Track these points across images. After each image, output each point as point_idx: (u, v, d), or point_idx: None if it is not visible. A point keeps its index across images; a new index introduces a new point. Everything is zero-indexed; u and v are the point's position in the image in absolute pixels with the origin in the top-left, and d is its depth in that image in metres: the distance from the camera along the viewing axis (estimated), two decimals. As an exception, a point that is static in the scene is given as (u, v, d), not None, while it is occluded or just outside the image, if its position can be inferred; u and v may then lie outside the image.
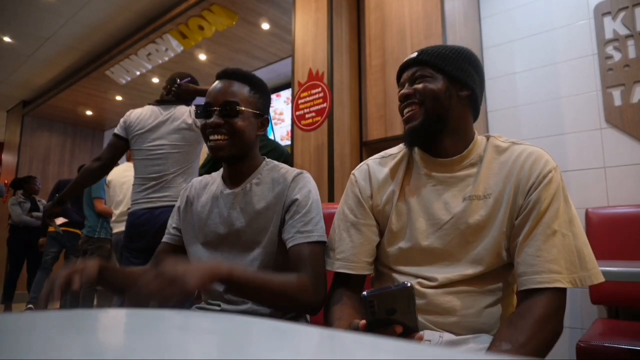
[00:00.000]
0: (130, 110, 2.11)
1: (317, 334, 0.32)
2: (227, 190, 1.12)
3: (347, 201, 1.02)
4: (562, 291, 0.79)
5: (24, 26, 4.15)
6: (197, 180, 1.24)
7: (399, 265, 0.96)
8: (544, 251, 0.79)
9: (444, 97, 0.91)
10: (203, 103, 1.10)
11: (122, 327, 0.40)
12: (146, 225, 1.92)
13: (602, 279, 0.80)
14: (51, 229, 4.19)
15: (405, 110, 0.93)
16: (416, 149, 0.98)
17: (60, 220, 2.88)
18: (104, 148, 2.13)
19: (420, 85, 0.91)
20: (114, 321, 0.44)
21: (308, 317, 1.17)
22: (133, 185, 2.06)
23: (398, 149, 1.03)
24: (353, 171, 1.06)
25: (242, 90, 1.11)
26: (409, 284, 0.64)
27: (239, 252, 1.08)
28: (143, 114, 2.05)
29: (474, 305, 0.87)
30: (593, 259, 0.81)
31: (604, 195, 2.08)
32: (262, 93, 1.17)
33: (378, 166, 1.02)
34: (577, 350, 1.41)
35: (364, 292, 0.68)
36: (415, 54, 0.96)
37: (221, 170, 1.20)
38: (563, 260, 0.79)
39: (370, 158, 1.06)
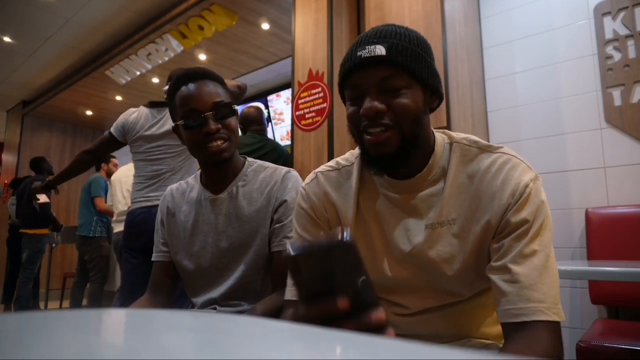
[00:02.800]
0: (129, 113, 2.14)
1: (316, 334, 0.32)
2: (211, 196, 1.08)
3: (300, 220, 0.86)
4: (553, 325, 0.62)
5: (24, 26, 4.14)
6: (174, 189, 1.19)
7: None
8: (521, 275, 0.63)
9: (423, 116, 0.72)
10: (185, 111, 1.01)
11: (122, 327, 0.40)
12: (143, 224, 1.93)
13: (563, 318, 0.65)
14: (40, 231, 4.20)
15: (373, 131, 0.69)
16: None
17: (43, 198, 2.94)
18: (98, 142, 2.21)
19: (397, 101, 0.69)
20: (113, 321, 0.44)
21: None
22: (133, 184, 2.09)
23: (352, 158, 0.85)
24: (303, 185, 0.89)
25: (218, 88, 1.04)
26: (349, 239, 0.44)
27: (230, 257, 1.05)
28: (139, 119, 2.09)
29: (454, 320, 0.79)
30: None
31: (604, 195, 2.08)
32: (226, 85, 1.09)
33: (330, 181, 0.84)
34: (577, 350, 1.41)
35: (288, 248, 0.47)
36: (381, 49, 0.68)
37: (197, 174, 1.15)
38: (546, 286, 0.63)
39: (320, 169, 0.88)
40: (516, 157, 0.72)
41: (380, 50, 0.68)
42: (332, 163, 0.87)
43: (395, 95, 0.69)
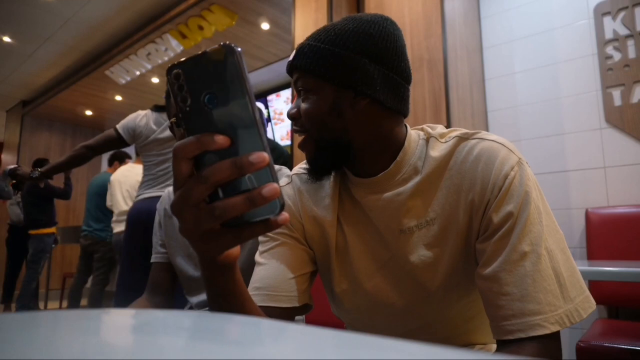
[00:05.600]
0: (138, 117, 2.13)
1: (315, 334, 0.32)
2: None
3: None
4: (550, 336, 0.55)
5: (24, 26, 4.14)
6: (171, 191, 1.20)
7: (350, 318, 0.79)
8: (512, 285, 0.56)
9: (331, 119, 0.66)
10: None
11: (121, 328, 0.40)
12: (143, 214, 1.92)
13: (593, 307, 0.57)
14: (42, 231, 4.20)
15: (296, 133, 0.71)
16: None
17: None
18: (101, 139, 2.15)
19: (303, 107, 0.68)
20: (113, 322, 0.44)
21: (303, 317, 1.16)
22: (141, 182, 2.12)
23: None
24: None
25: None
26: (234, 45, 0.36)
27: None
28: (148, 123, 2.10)
29: (446, 334, 0.73)
30: (577, 280, 0.58)
31: (604, 195, 2.08)
32: None
33: (307, 184, 0.78)
34: (577, 350, 1.41)
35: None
36: (293, 53, 0.69)
37: None
38: (542, 293, 0.55)
39: (296, 171, 0.81)
40: (495, 142, 0.64)
41: (292, 54, 0.69)
42: (306, 165, 0.78)
43: (303, 99, 0.68)
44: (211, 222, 0.38)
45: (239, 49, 0.36)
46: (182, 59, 0.37)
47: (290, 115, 0.70)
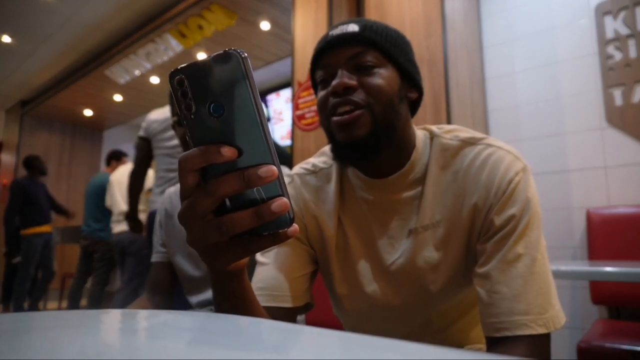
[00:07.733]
0: (152, 111, 2.21)
1: (315, 334, 0.32)
2: None
3: None
4: (537, 338, 0.56)
5: (23, 26, 4.14)
6: (172, 192, 1.21)
7: (348, 319, 0.79)
8: (503, 284, 0.58)
9: (397, 102, 0.66)
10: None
11: (122, 328, 0.39)
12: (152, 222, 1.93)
13: (564, 319, 0.59)
14: (29, 231, 4.22)
15: (342, 110, 0.64)
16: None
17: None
18: (135, 155, 2.31)
19: (369, 79, 0.64)
20: (112, 322, 0.43)
21: (304, 317, 1.16)
22: (155, 185, 2.14)
23: (328, 161, 0.77)
24: None
25: None
26: (240, 52, 0.34)
27: None
28: (159, 114, 2.14)
29: (444, 330, 0.73)
30: (554, 291, 0.60)
31: (604, 195, 2.08)
32: None
33: (307, 185, 0.77)
34: (578, 351, 1.40)
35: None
36: (354, 26, 0.66)
37: None
38: (532, 294, 0.57)
39: (296, 171, 0.79)
40: (502, 149, 0.65)
41: (352, 27, 0.66)
42: (307, 165, 0.79)
43: (367, 73, 0.64)
44: (218, 237, 0.38)
45: (245, 55, 0.34)
46: (186, 64, 0.35)
47: (345, 86, 0.63)
